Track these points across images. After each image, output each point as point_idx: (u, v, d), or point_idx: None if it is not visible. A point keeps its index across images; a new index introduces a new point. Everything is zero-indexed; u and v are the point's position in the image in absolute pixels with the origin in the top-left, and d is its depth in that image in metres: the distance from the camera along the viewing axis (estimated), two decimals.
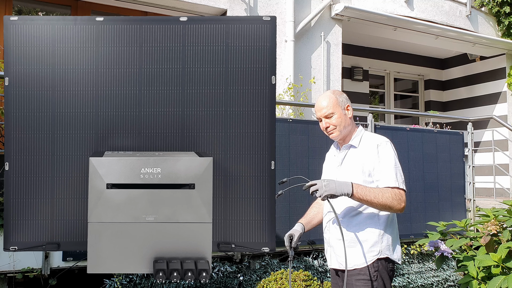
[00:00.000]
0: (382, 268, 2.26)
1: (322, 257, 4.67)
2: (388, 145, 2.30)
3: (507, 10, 8.82)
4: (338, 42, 7.55)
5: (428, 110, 10.16)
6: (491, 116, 6.51)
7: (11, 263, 3.49)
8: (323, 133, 2.43)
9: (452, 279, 5.35)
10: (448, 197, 5.77)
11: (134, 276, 3.84)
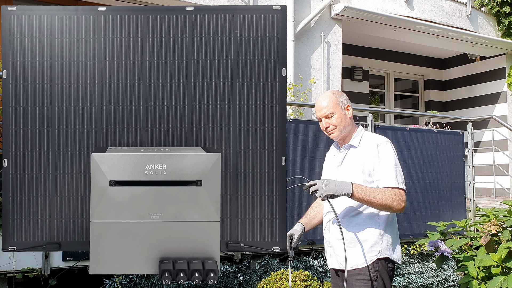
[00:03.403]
0: (382, 268, 2.27)
1: (322, 257, 4.69)
2: (388, 145, 2.30)
3: (507, 10, 8.83)
4: (338, 42, 7.53)
5: (428, 110, 10.17)
6: (491, 116, 6.53)
7: (11, 263, 3.48)
8: (323, 133, 2.43)
9: (452, 279, 5.37)
10: (448, 197, 5.78)
11: (134, 276, 3.84)
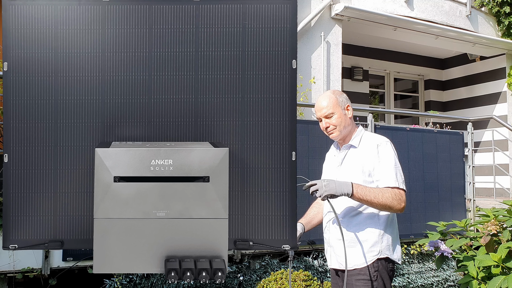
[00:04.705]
0: (382, 268, 2.28)
1: (322, 257, 4.73)
2: (388, 145, 2.31)
3: (507, 10, 8.84)
4: (338, 42, 7.53)
5: (428, 110, 10.19)
6: (491, 116, 6.56)
7: (11, 263, 3.48)
8: (323, 133, 2.43)
9: (452, 279, 5.40)
10: (448, 197, 5.81)
11: (134, 276, 3.83)
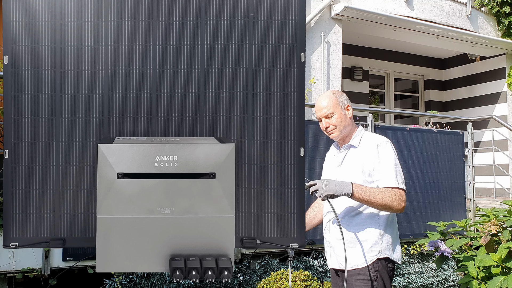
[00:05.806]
0: (382, 268, 2.28)
1: (322, 257, 4.73)
2: (388, 145, 2.31)
3: (507, 10, 8.84)
4: (338, 42, 7.51)
5: (428, 110, 10.19)
6: (491, 116, 6.56)
7: (11, 263, 3.46)
8: (323, 133, 2.43)
9: (452, 279, 5.41)
10: (448, 197, 5.81)
11: (134, 276, 3.82)
